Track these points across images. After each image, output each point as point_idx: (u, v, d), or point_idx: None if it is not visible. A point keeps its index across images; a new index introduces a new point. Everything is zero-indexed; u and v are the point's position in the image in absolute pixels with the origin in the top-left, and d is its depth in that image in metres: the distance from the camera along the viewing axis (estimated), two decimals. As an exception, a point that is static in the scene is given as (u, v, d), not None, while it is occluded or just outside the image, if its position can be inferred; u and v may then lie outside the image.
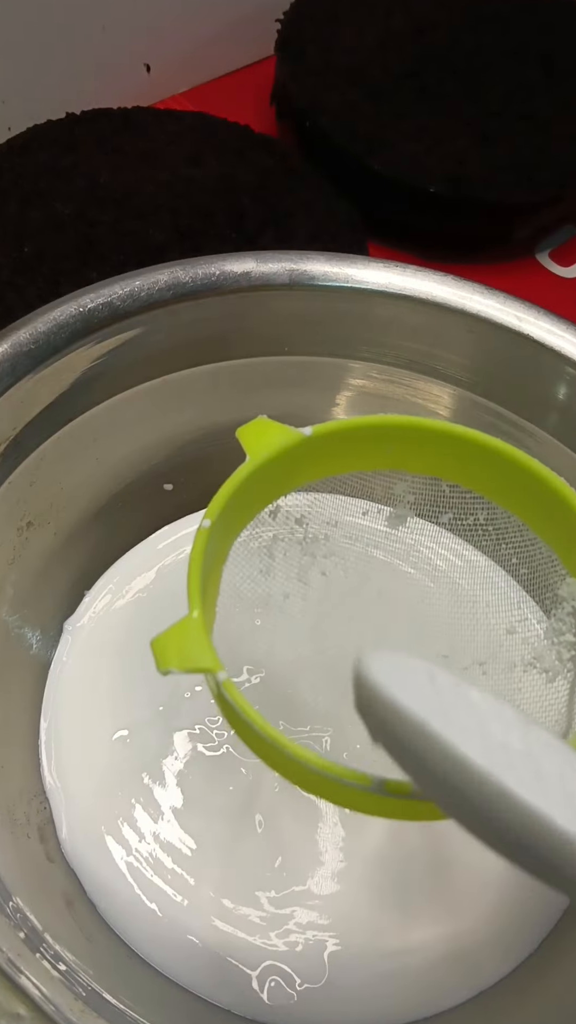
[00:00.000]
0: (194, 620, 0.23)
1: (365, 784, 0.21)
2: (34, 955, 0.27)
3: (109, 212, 0.45)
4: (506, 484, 0.27)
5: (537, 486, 0.26)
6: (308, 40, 0.53)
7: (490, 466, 0.27)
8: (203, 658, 0.23)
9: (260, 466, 0.26)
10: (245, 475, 0.26)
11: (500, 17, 0.55)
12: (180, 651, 0.23)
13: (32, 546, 0.35)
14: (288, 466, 0.27)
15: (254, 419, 0.27)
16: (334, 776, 0.21)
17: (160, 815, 0.34)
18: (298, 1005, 0.31)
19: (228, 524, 0.27)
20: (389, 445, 0.28)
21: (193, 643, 0.23)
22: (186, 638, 0.23)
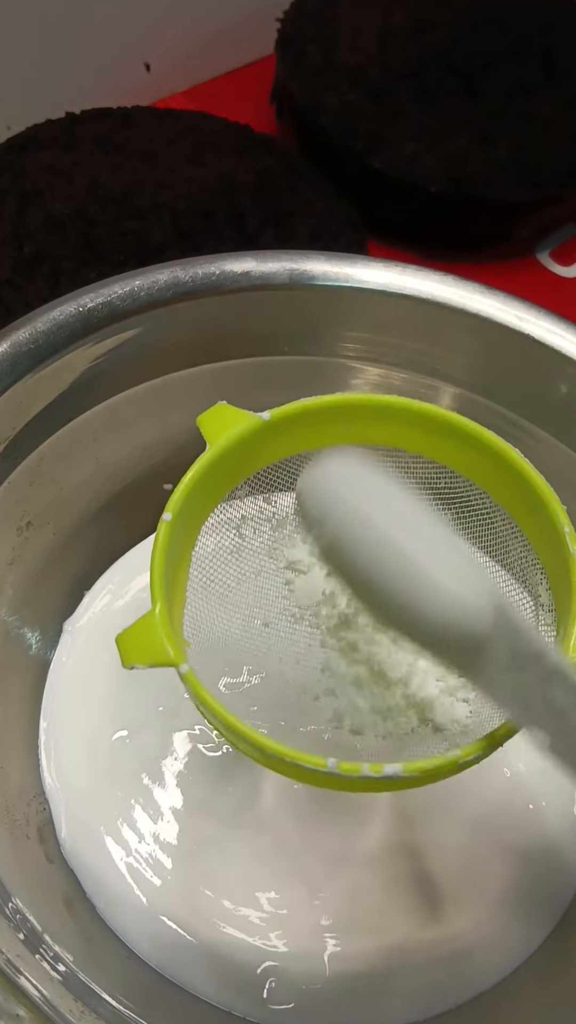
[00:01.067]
0: (156, 616, 0.24)
1: (320, 767, 0.22)
2: (33, 956, 0.27)
3: (109, 212, 0.45)
4: (466, 455, 0.28)
5: (495, 456, 0.27)
6: (308, 39, 0.53)
7: (450, 437, 0.27)
8: (164, 653, 0.23)
9: (220, 454, 0.27)
10: (205, 464, 0.27)
11: (500, 16, 0.55)
12: (143, 646, 0.24)
13: (32, 546, 0.35)
14: (249, 450, 0.27)
15: (213, 406, 0.27)
16: (289, 760, 0.22)
17: (160, 816, 0.34)
18: (298, 1006, 0.31)
19: (192, 514, 0.27)
20: (349, 424, 0.28)
21: (155, 638, 0.24)
22: (149, 634, 0.24)
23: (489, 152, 0.50)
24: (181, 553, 0.27)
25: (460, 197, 0.49)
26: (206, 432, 0.27)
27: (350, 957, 0.32)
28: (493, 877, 0.33)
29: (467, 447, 0.27)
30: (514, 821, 0.34)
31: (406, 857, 0.33)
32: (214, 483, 0.27)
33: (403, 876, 0.33)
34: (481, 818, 0.34)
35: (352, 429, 0.28)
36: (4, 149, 0.48)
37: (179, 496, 0.26)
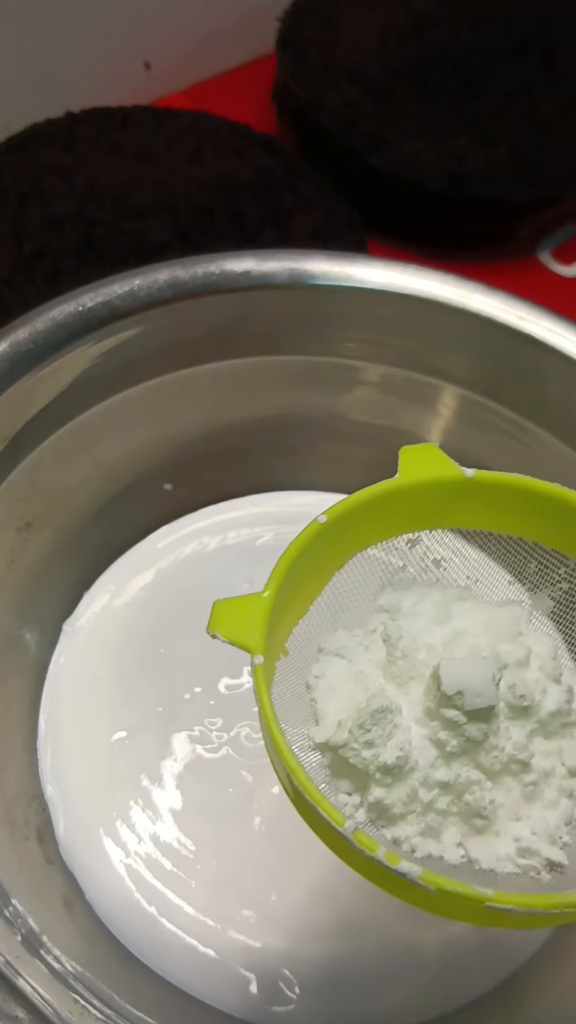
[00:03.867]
0: (262, 599, 0.23)
1: (337, 822, 0.21)
2: (33, 957, 0.27)
3: (108, 211, 0.45)
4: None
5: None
6: (309, 38, 0.52)
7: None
8: (250, 636, 0.23)
9: (404, 488, 0.25)
10: (384, 491, 0.25)
11: (501, 15, 0.54)
12: (234, 620, 0.23)
13: (31, 546, 0.35)
14: (436, 502, 0.26)
15: (423, 443, 0.26)
16: (311, 801, 0.21)
17: (159, 817, 0.34)
18: (298, 1007, 0.31)
19: (346, 532, 0.25)
20: (555, 522, 0.26)
21: (251, 618, 0.23)
22: (247, 611, 0.23)
23: (489, 152, 0.50)
24: (321, 563, 0.26)
25: (460, 197, 0.49)
26: (403, 464, 0.25)
27: (350, 958, 0.32)
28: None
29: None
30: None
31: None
32: (381, 515, 0.26)
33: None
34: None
35: (556, 531, 0.26)
36: (4, 148, 0.48)
37: (345, 506, 0.25)
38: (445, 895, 0.20)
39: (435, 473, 0.25)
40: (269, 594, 0.23)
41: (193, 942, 0.32)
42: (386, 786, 0.23)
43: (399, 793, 0.23)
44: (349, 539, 0.26)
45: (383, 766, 0.22)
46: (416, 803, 0.23)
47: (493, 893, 0.20)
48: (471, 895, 0.20)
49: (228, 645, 0.23)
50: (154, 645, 0.37)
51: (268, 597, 0.23)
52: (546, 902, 0.20)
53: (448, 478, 0.25)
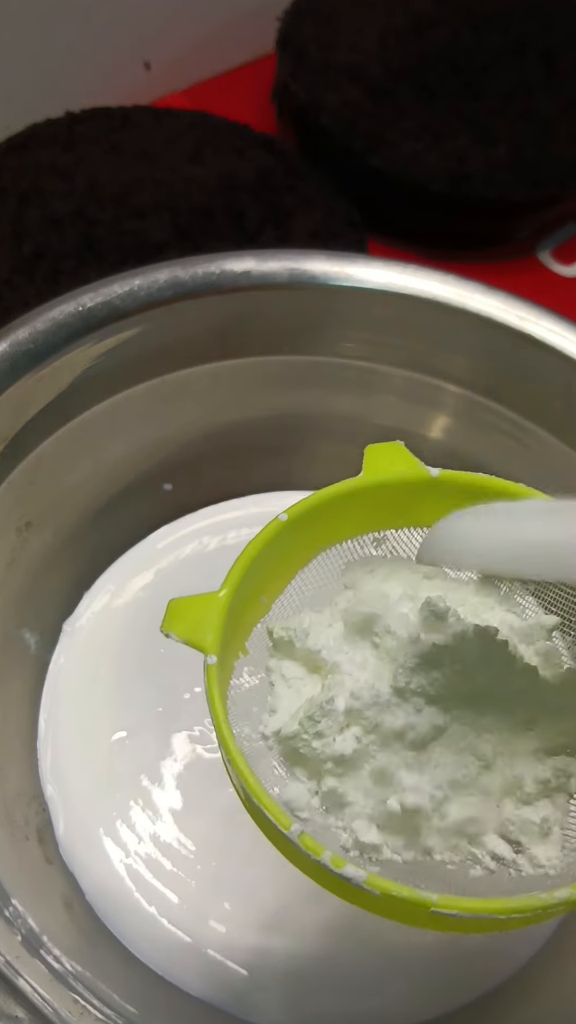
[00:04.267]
0: (218, 598, 0.23)
1: (283, 825, 0.20)
2: (33, 957, 0.27)
3: (108, 211, 0.45)
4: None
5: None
6: (309, 38, 0.52)
7: None
8: (204, 635, 0.22)
9: (366, 485, 0.25)
10: (347, 489, 0.25)
11: (501, 15, 0.54)
12: (190, 619, 0.23)
13: (31, 546, 0.35)
14: (400, 500, 0.25)
15: (390, 442, 0.26)
16: (257, 804, 0.21)
17: (159, 817, 0.34)
18: (298, 1007, 0.31)
19: (309, 530, 0.25)
20: None
21: (205, 618, 0.23)
22: (202, 610, 0.23)
23: (489, 152, 0.50)
24: (284, 561, 0.25)
25: (460, 196, 0.49)
26: (368, 462, 0.25)
27: (350, 957, 0.32)
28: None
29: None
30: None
31: (406, 858, 0.33)
32: (345, 514, 0.25)
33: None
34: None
35: None
36: (4, 148, 0.48)
37: (307, 504, 0.25)
38: (390, 899, 0.20)
39: (400, 472, 0.25)
40: (226, 592, 0.23)
41: (193, 942, 0.32)
42: (338, 776, 0.22)
43: (353, 782, 0.22)
44: (313, 537, 0.26)
45: (335, 756, 0.22)
46: (371, 794, 0.22)
47: (438, 898, 0.19)
48: (415, 900, 0.20)
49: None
50: (154, 645, 0.37)
51: (225, 596, 0.23)
52: (493, 907, 0.20)
53: (412, 478, 0.25)
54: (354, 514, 0.26)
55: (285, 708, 0.23)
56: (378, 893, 0.20)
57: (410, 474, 0.25)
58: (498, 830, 0.22)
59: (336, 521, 0.26)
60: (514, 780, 0.22)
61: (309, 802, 0.23)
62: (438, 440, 0.39)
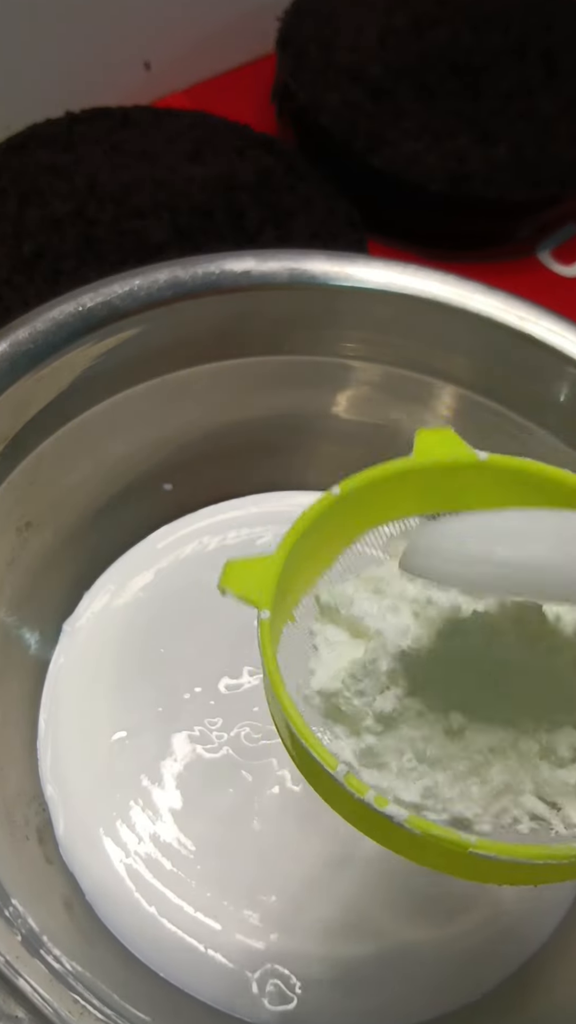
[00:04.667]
0: (272, 559, 0.23)
1: (331, 767, 0.21)
2: (33, 957, 0.27)
3: (108, 211, 0.45)
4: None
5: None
6: (309, 38, 0.52)
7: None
8: (259, 592, 0.23)
9: (415, 468, 0.25)
10: (396, 469, 0.25)
11: (501, 15, 0.54)
12: (245, 578, 0.23)
13: (31, 546, 0.35)
14: (451, 482, 0.26)
15: (441, 428, 0.26)
16: (305, 745, 0.21)
17: (159, 817, 0.34)
18: (298, 1007, 0.31)
19: (358, 508, 0.26)
20: (547, 495, 0.26)
21: (259, 577, 0.23)
22: (257, 571, 0.23)
23: (489, 152, 0.50)
24: (332, 537, 0.26)
25: (460, 196, 0.49)
26: (419, 446, 0.26)
27: (351, 958, 0.32)
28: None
29: None
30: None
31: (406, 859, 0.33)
32: (394, 493, 0.26)
33: (404, 877, 0.33)
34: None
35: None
36: (4, 148, 0.48)
37: (359, 480, 0.25)
38: (430, 840, 0.20)
39: (449, 454, 0.26)
40: (280, 555, 0.24)
41: (193, 942, 0.32)
42: (377, 734, 0.23)
43: (390, 741, 0.23)
44: (361, 515, 0.26)
45: (376, 713, 0.23)
46: (409, 752, 0.23)
47: (476, 840, 0.20)
48: (455, 840, 0.20)
49: (232, 640, 0.23)
50: (154, 645, 0.37)
51: (279, 557, 0.24)
52: (530, 852, 0.20)
53: (462, 460, 0.25)
54: (403, 494, 0.26)
55: (327, 669, 0.24)
56: (419, 832, 0.20)
57: (459, 456, 0.26)
58: (535, 792, 0.23)
59: (385, 500, 0.26)
60: (548, 746, 0.23)
61: (349, 760, 0.23)
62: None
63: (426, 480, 0.26)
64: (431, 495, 0.26)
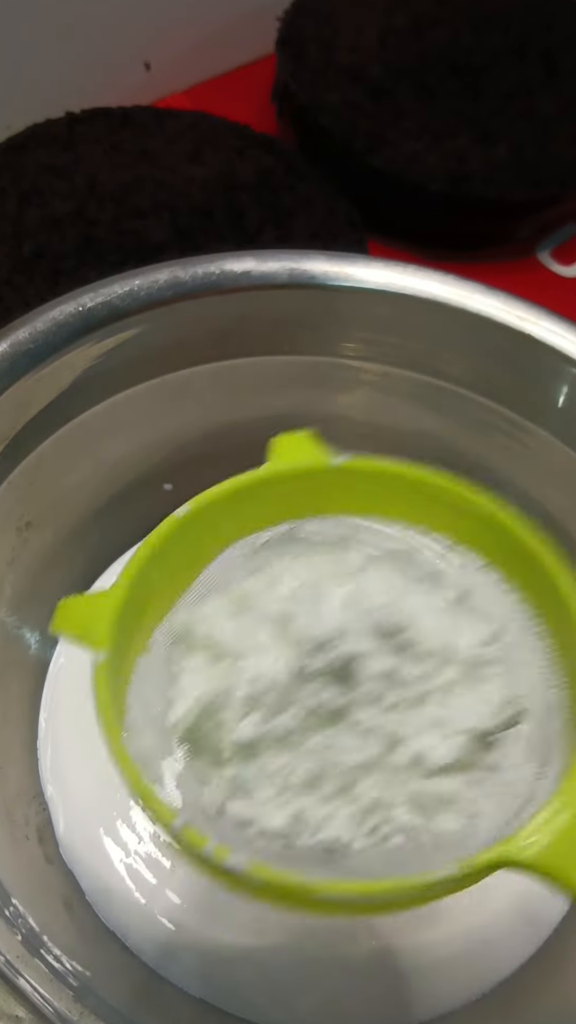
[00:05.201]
0: (111, 593, 0.22)
1: (166, 817, 0.20)
2: (33, 957, 0.27)
3: (108, 211, 0.45)
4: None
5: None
6: (309, 38, 0.52)
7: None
8: (96, 633, 0.22)
9: (272, 475, 0.25)
10: (251, 480, 0.25)
11: (501, 15, 0.54)
12: (81, 617, 0.22)
13: (31, 546, 0.35)
14: (309, 489, 0.25)
15: (299, 431, 0.25)
16: (140, 800, 0.21)
17: (159, 817, 0.34)
18: (298, 1007, 0.31)
19: (212, 525, 0.25)
20: (406, 497, 0.26)
21: (96, 615, 0.22)
22: (94, 609, 0.22)
23: (489, 152, 0.50)
24: (188, 558, 0.25)
25: (460, 196, 0.49)
26: (274, 452, 0.25)
27: (350, 959, 0.32)
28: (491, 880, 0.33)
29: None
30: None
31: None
32: (250, 505, 0.25)
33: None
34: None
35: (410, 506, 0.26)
36: (4, 148, 0.48)
37: (210, 496, 0.24)
38: (275, 887, 0.20)
39: (304, 461, 0.25)
40: (119, 589, 0.22)
41: (193, 941, 0.32)
42: (240, 763, 0.22)
43: (253, 770, 0.22)
44: (220, 531, 0.25)
45: (237, 743, 0.22)
46: (274, 778, 0.22)
47: (320, 883, 0.19)
48: (296, 887, 0.20)
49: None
50: (154, 645, 0.37)
51: (119, 591, 0.22)
52: (376, 888, 0.20)
53: (316, 466, 0.25)
54: (260, 505, 0.25)
55: (185, 699, 0.23)
56: (261, 880, 0.20)
57: (314, 462, 0.25)
58: (408, 803, 0.22)
59: (242, 513, 0.25)
60: (418, 756, 0.22)
61: (213, 798, 0.22)
62: (438, 440, 0.39)
63: (283, 488, 0.25)
64: (290, 503, 0.25)
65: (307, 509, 0.26)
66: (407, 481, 0.25)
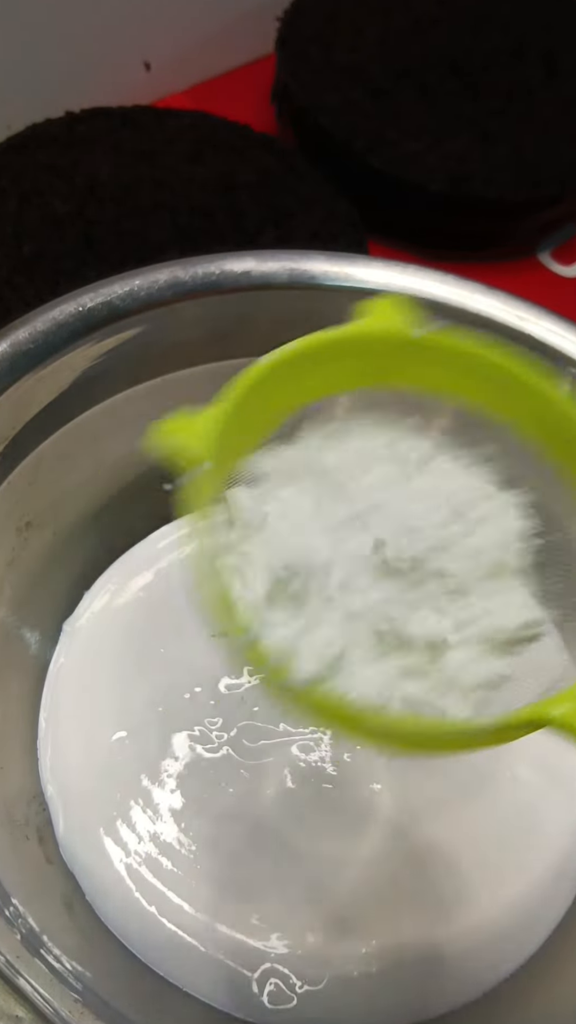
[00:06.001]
0: (213, 412, 0.22)
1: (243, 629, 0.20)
2: (33, 957, 0.27)
3: (108, 211, 0.45)
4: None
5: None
6: (309, 38, 0.52)
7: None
8: (197, 440, 0.21)
9: (354, 335, 0.24)
10: (332, 337, 0.24)
11: (501, 15, 0.54)
12: (180, 435, 0.22)
13: (31, 546, 0.35)
14: (390, 355, 0.25)
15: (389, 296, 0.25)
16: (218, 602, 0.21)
17: (159, 817, 0.34)
18: (298, 1007, 0.31)
19: (296, 376, 0.24)
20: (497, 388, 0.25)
21: (198, 431, 0.22)
22: (195, 426, 0.22)
23: (490, 151, 0.50)
24: (271, 407, 0.24)
25: (460, 196, 0.49)
26: (362, 315, 0.24)
27: (350, 958, 0.32)
28: (492, 880, 0.33)
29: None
30: (515, 823, 0.34)
31: (406, 858, 0.33)
32: (333, 363, 0.24)
33: (403, 877, 0.33)
34: (482, 820, 0.34)
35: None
36: (4, 148, 0.48)
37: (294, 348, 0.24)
38: (323, 705, 0.20)
39: (387, 326, 0.24)
40: (223, 407, 0.22)
41: (193, 942, 0.32)
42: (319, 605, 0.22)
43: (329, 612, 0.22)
44: (300, 385, 0.25)
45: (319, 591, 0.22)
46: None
47: (371, 706, 0.20)
48: (347, 707, 0.20)
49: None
50: (154, 645, 0.37)
51: (222, 410, 0.22)
52: (422, 723, 0.20)
53: (396, 334, 0.24)
54: (341, 364, 0.25)
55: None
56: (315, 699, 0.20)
57: (394, 329, 0.24)
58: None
59: (325, 372, 0.25)
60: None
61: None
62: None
63: (363, 351, 0.25)
64: (369, 368, 0.25)
65: (386, 375, 0.25)
66: (490, 365, 0.24)
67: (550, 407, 0.24)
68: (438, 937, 0.32)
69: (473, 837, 0.34)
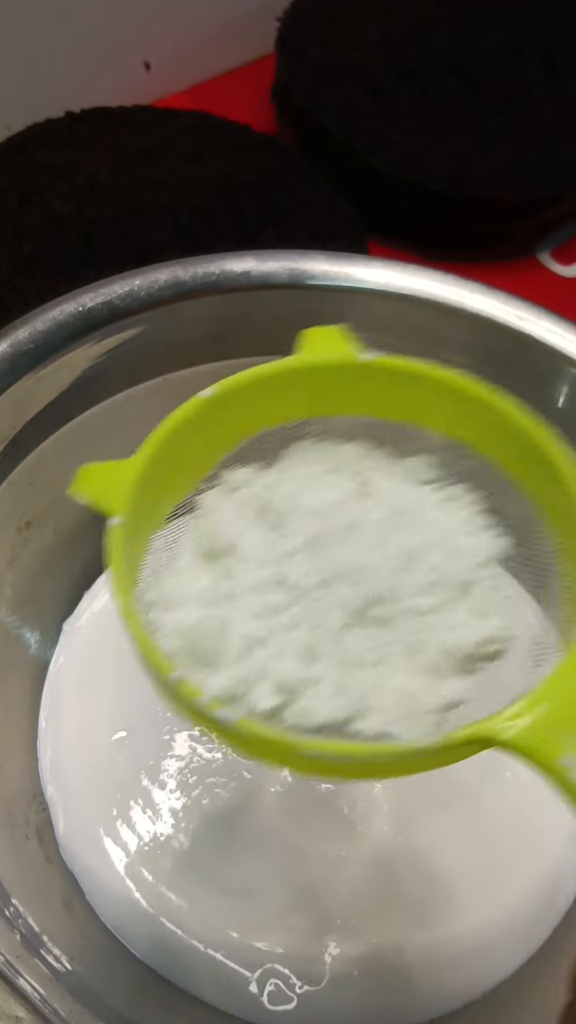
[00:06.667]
0: (132, 461, 0.22)
1: (167, 671, 0.20)
2: (33, 957, 0.27)
3: (108, 211, 0.45)
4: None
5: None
6: (309, 38, 0.52)
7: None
8: (114, 498, 0.21)
9: (300, 366, 0.24)
10: (278, 369, 0.24)
11: (501, 15, 0.54)
12: (100, 483, 0.22)
13: (31, 546, 0.35)
14: (335, 384, 0.25)
15: (330, 326, 0.25)
16: (142, 652, 0.21)
17: (159, 817, 0.34)
18: (297, 1007, 0.31)
19: (241, 409, 0.24)
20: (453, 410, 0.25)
21: (116, 482, 0.22)
22: (114, 475, 0.22)
23: (490, 151, 0.50)
24: (209, 444, 0.24)
25: (460, 196, 0.49)
26: (304, 345, 0.24)
27: (349, 959, 0.32)
28: (492, 880, 0.33)
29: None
30: (514, 824, 0.34)
31: (406, 859, 0.33)
32: (276, 395, 0.24)
33: (403, 878, 0.33)
34: (481, 820, 0.34)
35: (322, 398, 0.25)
36: (4, 148, 0.48)
37: (237, 381, 0.24)
38: (262, 740, 0.20)
39: (332, 355, 0.24)
40: (141, 457, 0.22)
41: (192, 942, 0.32)
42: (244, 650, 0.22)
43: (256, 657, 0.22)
44: (243, 418, 0.25)
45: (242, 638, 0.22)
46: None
47: (307, 740, 0.20)
48: (285, 742, 0.20)
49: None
50: (154, 645, 0.37)
51: (140, 459, 0.22)
52: (364, 751, 0.20)
53: (342, 361, 0.24)
54: (289, 397, 0.25)
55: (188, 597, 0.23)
56: (247, 733, 0.20)
57: (342, 357, 0.24)
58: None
59: (271, 403, 0.25)
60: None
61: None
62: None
63: (307, 382, 0.24)
64: (317, 398, 0.25)
65: (335, 406, 0.25)
66: (440, 384, 0.25)
67: (505, 425, 0.24)
68: (438, 937, 0.32)
69: (473, 838, 0.34)
